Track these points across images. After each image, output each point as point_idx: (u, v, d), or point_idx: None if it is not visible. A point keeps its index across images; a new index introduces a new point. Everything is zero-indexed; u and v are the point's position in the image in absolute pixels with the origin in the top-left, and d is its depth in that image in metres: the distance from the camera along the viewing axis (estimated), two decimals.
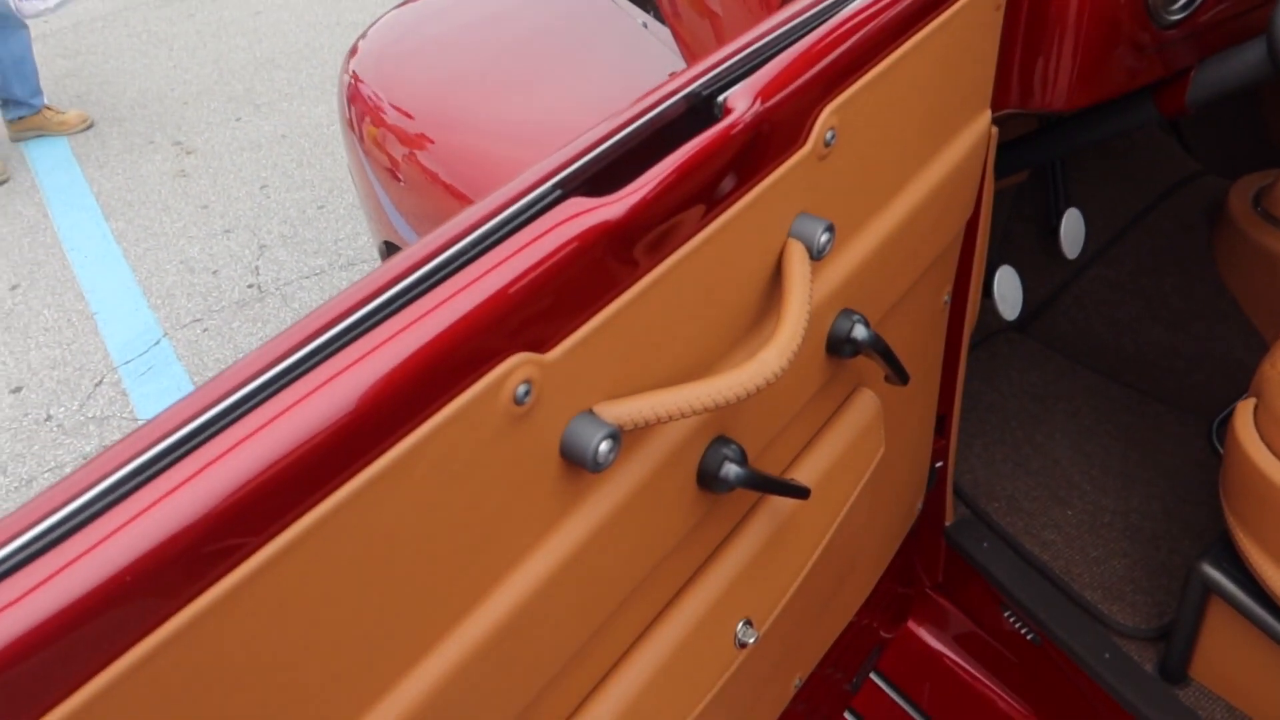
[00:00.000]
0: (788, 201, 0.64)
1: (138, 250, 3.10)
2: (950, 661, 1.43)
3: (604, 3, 1.73)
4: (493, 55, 1.66)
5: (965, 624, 1.41)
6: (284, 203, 3.24)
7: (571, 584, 0.57)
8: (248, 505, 0.38)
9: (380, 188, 1.72)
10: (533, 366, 0.48)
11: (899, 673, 1.42)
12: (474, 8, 1.85)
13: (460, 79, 1.60)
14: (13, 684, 0.32)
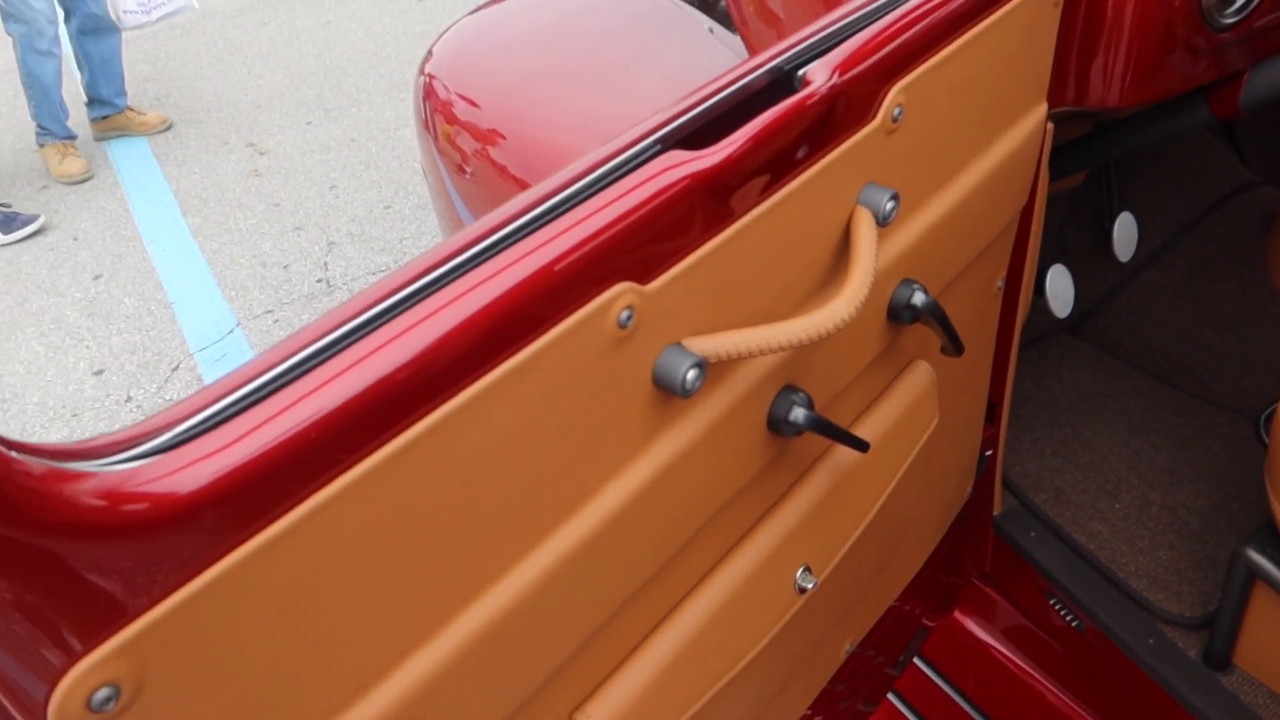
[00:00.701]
0: (857, 171, 0.70)
1: (213, 245, 3.24)
2: (996, 650, 1.46)
3: (671, 9, 1.80)
4: (564, 57, 1.74)
5: (1012, 613, 1.45)
6: (352, 202, 3.36)
7: (656, 504, 0.63)
8: (405, 386, 0.45)
9: (452, 184, 1.81)
10: (634, 295, 0.55)
11: (945, 660, 1.46)
12: (545, 13, 1.94)
13: (531, 79, 1.68)
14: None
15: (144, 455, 0.40)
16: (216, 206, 3.47)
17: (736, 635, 0.77)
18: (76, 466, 0.37)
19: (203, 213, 3.44)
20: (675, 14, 1.79)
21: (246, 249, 3.19)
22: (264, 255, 3.14)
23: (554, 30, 1.81)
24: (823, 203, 0.68)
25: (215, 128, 4.01)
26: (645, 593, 0.69)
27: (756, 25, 1.64)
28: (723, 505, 0.72)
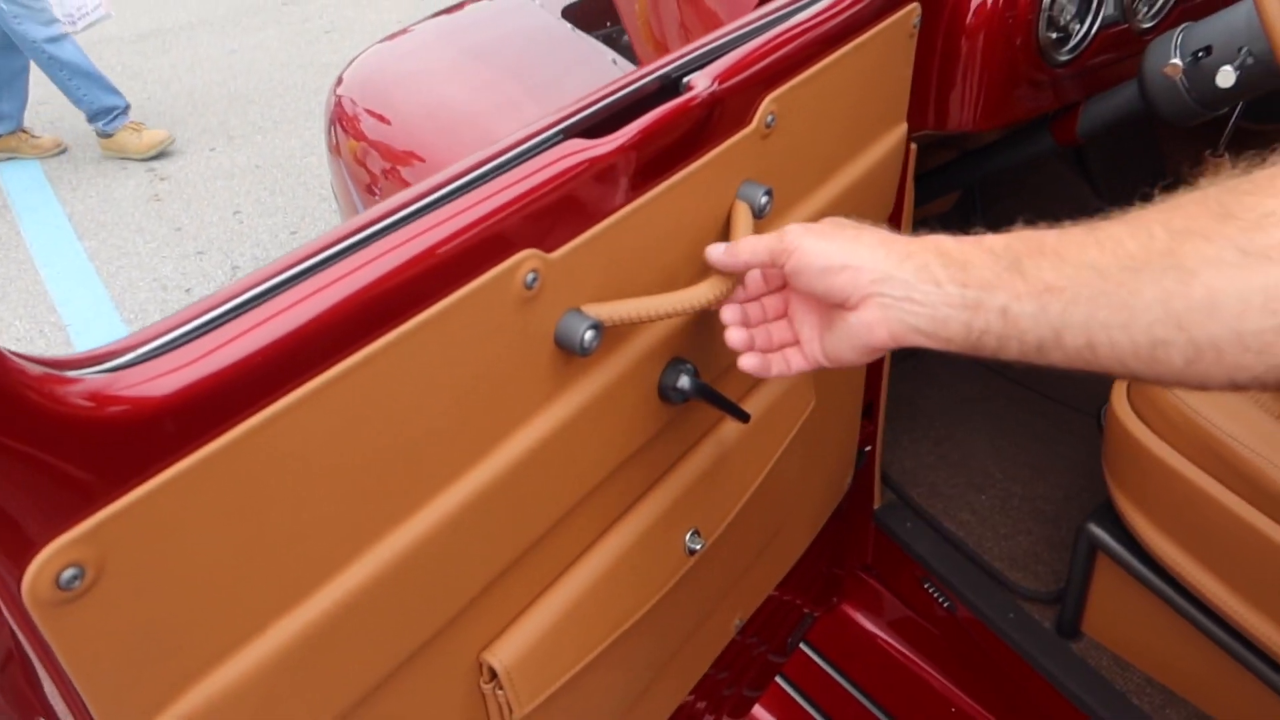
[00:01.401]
0: (736, 168, 0.80)
1: (111, 268, 3.19)
2: (879, 638, 1.57)
3: (576, 41, 1.91)
4: (471, 83, 1.82)
5: (893, 602, 1.56)
6: (257, 228, 3.36)
7: (558, 455, 0.71)
8: (345, 321, 0.52)
9: (361, 204, 1.86)
10: (539, 260, 0.63)
11: (832, 648, 1.56)
12: (452, 42, 2.03)
13: (439, 103, 1.76)
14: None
15: (122, 366, 0.46)
16: (114, 230, 3.41)
17: (633, 588, 0.85)
18: (66, 373, 0.43)
19: (100, 236, 3.38)
20: (579, 46, 1.89)
21: (146, 273, 3.15)
22: (165, 279, 3.11)
23: (461, 58, 1.89)
24: (707, 193, 0.78)
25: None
26: (548, 543, 0.77)
27: (647, 53, 1.77)
28: (620, 465, 0.80)
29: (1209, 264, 0.46)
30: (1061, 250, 0.52)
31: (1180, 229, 0.47)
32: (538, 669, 0.77)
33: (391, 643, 0.64)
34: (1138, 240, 0.49)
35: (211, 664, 0.52)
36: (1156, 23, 1.29)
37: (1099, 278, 0.49)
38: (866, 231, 0.64)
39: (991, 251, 0.55)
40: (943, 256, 0.58)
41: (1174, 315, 0.47)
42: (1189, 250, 0.46)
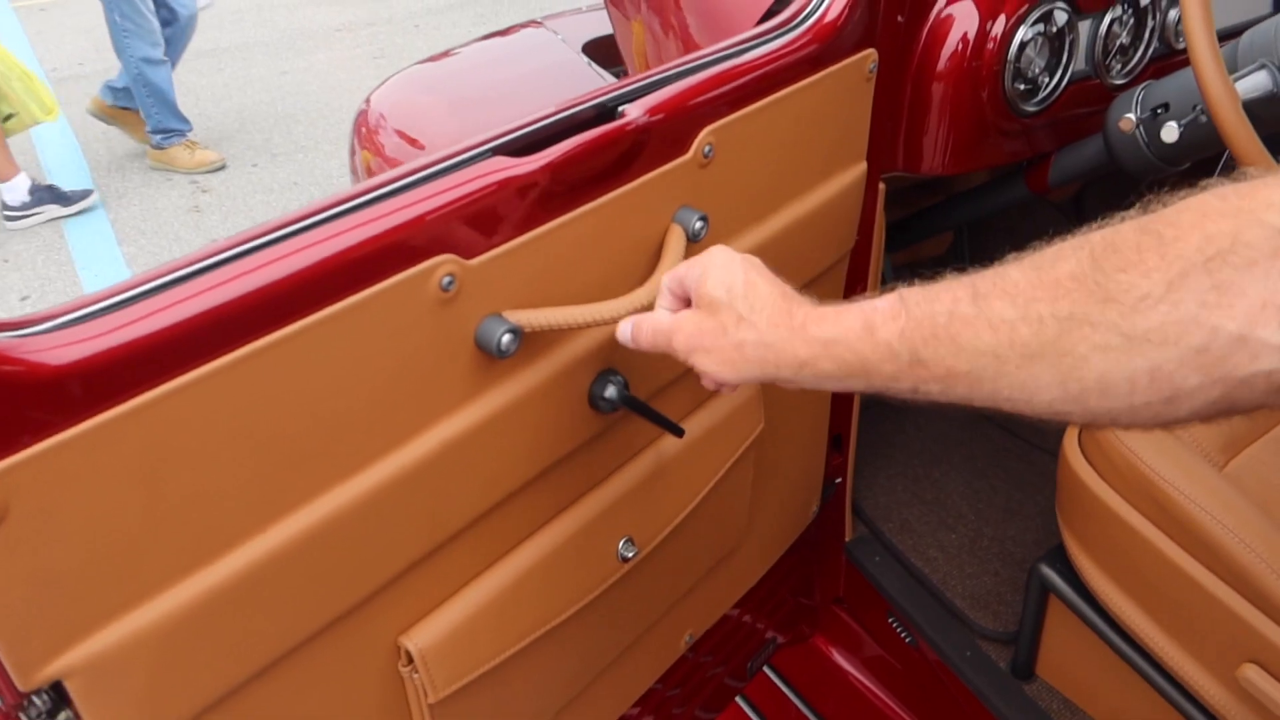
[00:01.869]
0: (672, 193, 0.85)
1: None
2: (846, 671, 1.59)
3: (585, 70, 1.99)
4: (482, 106, 1.90)
5: (861, 637, 1.58)
6: None
7: (480, 451, 0.75)
8: (249, 310, 0.57)
9: None
10: (456, 265, 0.68)
11: (800, 679, 1.58)
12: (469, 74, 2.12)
13: (448, 123, 1.84)
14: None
15: (29, 334, 0.51)
16: (154, 238, 3.55)
17: (559, 588, 0.89)
18: None
19: (139, 243, 3.52)
20: (593, 81, 1.97)
21: None
22: None
23: (476, 82, 1.98)
24: (640, 214, 0.82)
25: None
26: (474, 537, 0.81)
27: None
28: (549, 467, 0.84)
29: (1097, 350, 0.48)
30: (956, 335, 0.55)
31: (1066, 315, 0.50)
32: (455, 656, 0.81)
33: (299, 615, 0.68)
34: (1030, 327, 0.51)
35: (112, 615, 0.57)
36: (1129, 80, 1.32)
37: (998, 363, 0.53)
38: (760, 327, 0.67)
39: (889, 348, 0.58)
40: (838, 364, 0.62)
41: (1071, 395, 0.51)
42: (1078, 338, 0.49)
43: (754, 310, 0.66)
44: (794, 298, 0.67)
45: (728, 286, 0.68)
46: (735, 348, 0.67)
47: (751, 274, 0.68)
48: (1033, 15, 1.20)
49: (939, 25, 1.19)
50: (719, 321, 0.67)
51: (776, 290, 0.67)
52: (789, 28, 0.96)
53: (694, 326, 0.69)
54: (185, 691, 0.63)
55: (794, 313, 0.65)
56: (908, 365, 0.57)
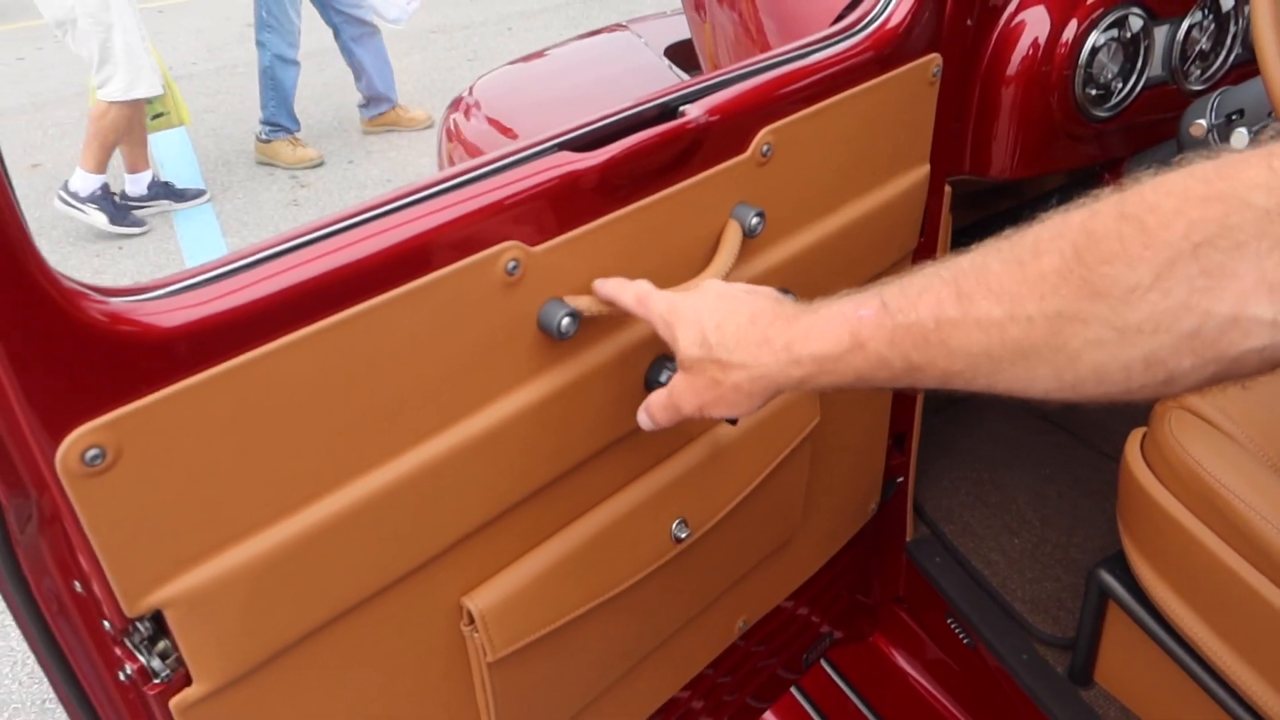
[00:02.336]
0: (730, 190, 0.89)
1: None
2: (904, 671, 1.60)
3: (672, 79, 2.04)
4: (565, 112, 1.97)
5: (921, 637, 1.59)
6: None
7: (539, 427, 0.81)
8: (334, 285, 0.64)
9: None
10: (521, 251, 0.73)
11: (858, 675, 1.60)
12: (556, 73, 2.20)
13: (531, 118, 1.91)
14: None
15: (145, 299, 0.59)
16: (255, 230, 3.73)
17: (614, 562, 0.94)
18: (95, 295, 0.56)
19: (242, 234, 3.70)
20: (667, 77, 2.02)
21: None
22: None
23: (560, 83, 2.05)
24: (698, 210, 0.87)
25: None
26: (534, 508, 0.86)
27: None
28: (606, 446, 0.89)
29: (1090, 345, 0.49)
30: (946, 339, 0.55)
31: (1054, 313, 0.50)
32: (513, 619, 0.86)
33: (373, 567, 0.75)
34: (1019, 327, 0.51)
35: (209, 552, 0.64)
36: (1207, 86, 1.31)
37: (992, 361, 0.54)
38: (747, 364, 0.68)
39: (881, 358, 0.59)
40: (835, 377, 0.63)
41: (1067, 384, 0.52)
42: (1069, 335, 0.49)
43: (732, 351, 0.67)
44: (769, 318, 0.67)
45: (698, 341, 0.69)
46: (734, 390, 0.68)
47: (716, 315, 0.69)
48: (1106, 20, 1.21)
49: (1009, 30, 1.20)
50: (708, 377, 0.69)
51: (745, 316, 0.68)
52: (851, 33, 0.99)
53: (689, 391, 0.72)
54: (269, 629, 0.69)
55: (772, 337, 0.65)
56: (903, 371, 0.58)
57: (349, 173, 4.15)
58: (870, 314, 0.59)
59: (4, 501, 0.58)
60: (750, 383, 0.67)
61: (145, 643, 0.64)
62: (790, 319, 0.66)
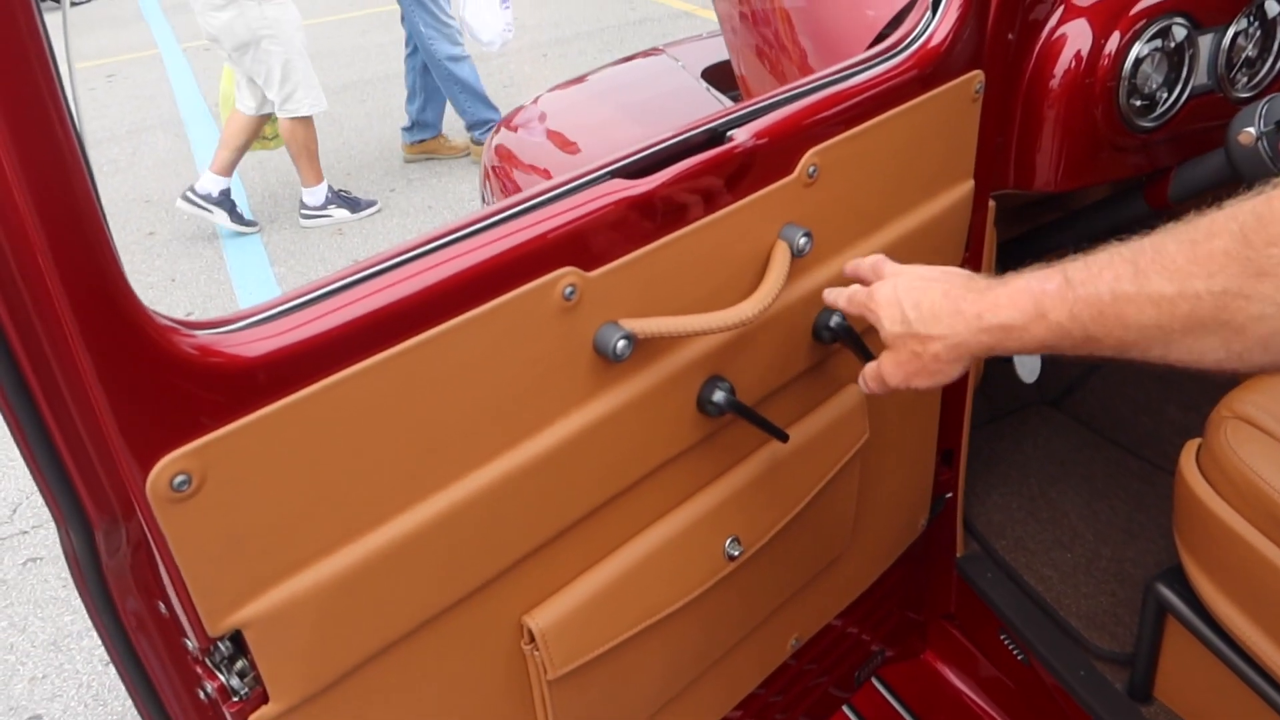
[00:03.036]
0: (777, 212, 0.90)
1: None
2: (956, 689, 1.58)
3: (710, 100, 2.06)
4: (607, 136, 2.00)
5: (973, 654, 1.57)
6: None
7: (595, 448, 0.82)
8: (400, 314, 0.66)
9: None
10: (577, 277, 0.75)
11: (910, 694, 1.58)
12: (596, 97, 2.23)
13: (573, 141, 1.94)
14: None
15: (230, 330, 0.61)
16: (302, 259, 3.81)
17: (669, 580, 0.95)
18: (184, 330, 0.59)
19: (288, 264, 3.78)
20: (711, 105, 2.04)
21: None
22: None
23: (601, 108, 2.08)
24: (747, 232, 0.88)
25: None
26: (591, 528, 0.88)
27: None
28: (660, 465, 0.90)
29: (1255, 321, 0.54)
30: (1121, 312, 0.60)
31: (1220, 290, 0.54)
32: (572, 637, 0.88)
33: (437, 587, 0.77)
34: (1188, 302, 0.56)
35: (286, 573, 0.67)
36: (1255, 93, 1.30)
37: (1164, 334, 0.58)
38: (944, 334, 0.74)
39: (1062, 328, 0.64)
40: (1020, 344, 0.69)
41: (1235, 354, 0.56)
42: (1235, 309, 0.54)
43: (930, 324, 0.74)
44: (960, 291, 0.73)
45: (899, 319, 0.76)
46: (934, 359, 0.75)
47: (913, 294, 0.76)
48: (1149, 31, 1.21)
49: (1051, 44, 1.21)
50: (910, 351, 0.76)
51: (939, 292, 0.74)
52: (893, 53, 1.00)
53: (894, 366, 0.79)
54: (341, 648, 0.72)
55: (964, 309, 0.71)
56: (1081, 341, 0.63)
57: (391, 201, 4.22)
58: (1054, 287, 0.64)
59: (95, 527, 0.61)
60: (948, 350, 0.74)
61: (225, 662, 0.67)
62: (982, 291, 0.71)
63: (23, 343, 0.53)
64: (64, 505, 0.61)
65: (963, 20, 1.02)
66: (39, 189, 0.48)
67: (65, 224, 0.50)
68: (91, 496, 0.60)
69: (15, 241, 0.49)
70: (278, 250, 3.89)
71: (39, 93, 0.47)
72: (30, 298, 0.52)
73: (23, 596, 2.34)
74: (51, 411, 0.56)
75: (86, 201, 0.51)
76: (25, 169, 0.48)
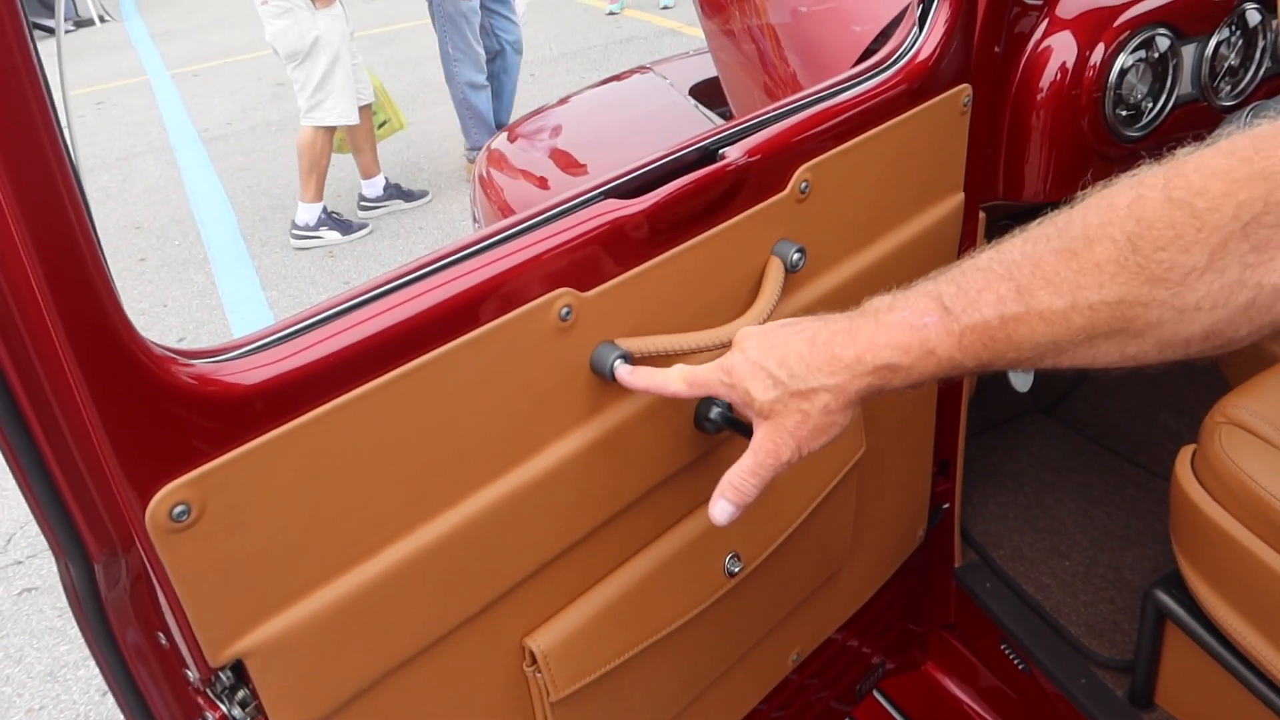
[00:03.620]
0: (770, 228, 0.91)
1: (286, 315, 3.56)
2: (958, 699, 1.58)
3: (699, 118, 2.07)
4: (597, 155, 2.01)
5: (973, 664, 1.57)
6: None
7: (594, 468, 0.82)
8: (397, 339, 0.66)
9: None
10: (573, 297, 0.75)
11: (911, 705, 1.58)
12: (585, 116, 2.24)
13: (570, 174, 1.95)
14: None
15: (227, 359, 0.61)
16: (293, 282, 3.81)
17: (670, 598, 0.95)
18: (184, 359, 0.59)
19: (280, 287, 3.78)
20: (700, 123, 2.05)
21: None
22: None
23: (590, 126, 2.09)
24: (741, 248, 0.89)
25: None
26: (591, 548, 0.88)
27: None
28: (659, 483, 0.90)
29: (1153, 326, 0.52)
30: (1011, 334, 0.57)
31: (1116, 300, 0.53)
32: (574, 658, 0.88)
33: (438, 612, 0.76)
34: (1082, 316, 0.54)
35: (286, 601, 0.66)
36: (1239, 102, 1.31)
37: (1058, 348, 0.57)
38: (826, 384, 0.67)
39: (953, 360, 0.61)
40: (910, 380, 0.64)
41: (1129, 357, 0.55)
42: (1132, 318, 0.53)
43: (808, 377, 0.66)
44: (826, 336, 0.67)
45: (771, 384, 0.68)
46: (825, 413, 0.67)
47: (773, 354, 0.68)
48: (1133, 42, 1.22)
49: (1037, 56, 1.22)
50: (795, 411, 0.68)
51: (804, 344, 0.67)
52: (882, 68, 1.01)
53: (780, 435, 0.69)
54: (342, 676, 0.71)
55: (839, 354, 0.65)
56: (974, 367, 0.61)
57: (382, 222, 4.23)
58: (935, 320, 0.61)
59: (95, 560, 0.61)
60: (835, 401, 0.66)
61: (227, 692, 0.67)
62: (850, 332, 0.66)
63: (19, 374, 0.53)
64: (63, 539, 0.60)
65: (950, 34, 1.03)
66: (35, 218, 0.49)
67: (62, 255, 0.50)
68: (91, 529, 0.60)
69: (12, 272, 0.49)
70: (269, 274, 3.89)
71: (34, 122, 0.47)
72: (27, 329, 0.52)
73: (18, 627, 2.32)
74: (49, 444, 0.56)
75: (84, 231, 0.51)
76: (20, 198, 0.48)
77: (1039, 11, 1.22)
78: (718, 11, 1.75)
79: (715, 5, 1.75)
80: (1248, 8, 1.31)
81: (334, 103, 3.84)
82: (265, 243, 4.17)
